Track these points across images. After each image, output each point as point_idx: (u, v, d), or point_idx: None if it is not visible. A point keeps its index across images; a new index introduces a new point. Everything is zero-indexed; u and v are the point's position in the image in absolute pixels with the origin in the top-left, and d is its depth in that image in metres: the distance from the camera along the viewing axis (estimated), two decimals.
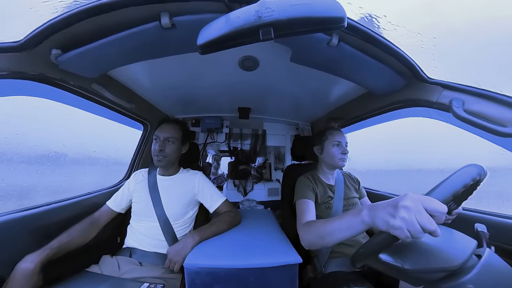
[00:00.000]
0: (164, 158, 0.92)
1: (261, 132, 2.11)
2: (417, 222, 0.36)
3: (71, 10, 0.51)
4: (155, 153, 0.92)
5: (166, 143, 0.93)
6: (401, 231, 0.37)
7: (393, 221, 0.39)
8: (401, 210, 0.38)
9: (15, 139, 0.82)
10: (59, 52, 0.62)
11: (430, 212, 0.37)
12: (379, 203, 0.46)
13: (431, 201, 0.38)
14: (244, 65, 0.91)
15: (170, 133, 0.94)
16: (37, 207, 0.79)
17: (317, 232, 0.63)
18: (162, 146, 0.91)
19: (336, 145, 0.94)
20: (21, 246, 0.67)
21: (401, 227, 0.37)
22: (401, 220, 0.38)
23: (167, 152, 0.93)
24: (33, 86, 0.68)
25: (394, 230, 0.38)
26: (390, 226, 0.39)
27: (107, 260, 0.81)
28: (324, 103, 1.34)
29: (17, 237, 0.69)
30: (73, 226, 0.80)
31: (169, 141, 0.94)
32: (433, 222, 0.36)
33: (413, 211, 0.37)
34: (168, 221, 0.88)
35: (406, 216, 0.37)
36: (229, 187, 2.32)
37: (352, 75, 0.85)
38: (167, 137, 0.93)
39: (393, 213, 0.39)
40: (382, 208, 0.43)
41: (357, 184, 1.06)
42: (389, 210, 0.41)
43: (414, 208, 0.38)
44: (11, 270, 0.60)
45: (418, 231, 0.36)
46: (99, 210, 0.92)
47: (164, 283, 0.71)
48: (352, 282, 0.66)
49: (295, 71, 0.94)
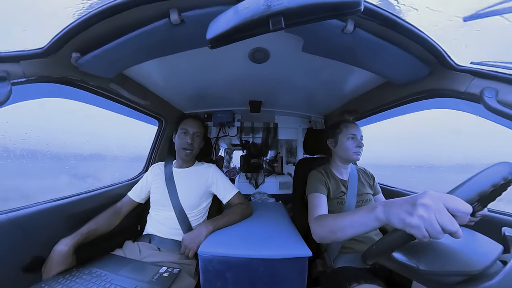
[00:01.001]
0: (191, 152, 0.99)
1: (272, 125, 2.08)
2: (436, 221, 0.34)
3: (86, 14, 0.54)
4: (184, 146, 0.97)
5: (195, 137, 1.00)
6: (418, 230, 0.35)
7: (410, 219, 0.37)
8: (420, 208, 0.36)
9: (46, 137, 0.91)
10: (78, 55, 0.66)
11: (452, 211, 0.35)
12: (395, 199, 0.44)
13: (453, 200, 0.36)
14: (254, 57, 0.90)
15: (198, 128, 1.01)
16: (68, 197, 0.88)
17: (329, 227, 0.62)
18: (192, 140, 0.98)
19: (351, 138, 0.91)
20: (57, 231, 0.75)
21: (418, 225, 0.35)
22: (419, 219, 0.36)
23: (195, 145, 1.00)
24: (58, 88, 0.73)
25: (410, 228, 0.37)
26: (406, 224, 0.37)
27: (130, 245, 0.89)
28: (338, 94, 1.28)
29: (53, 223, 0.78)
30: (99, 214, 0.87)
31: (197, 136, 1.01)
32: (454, 222, 0.34)
33: (433, 210, 0.35)
34: (183, 211, 0.93)
35: (424, 215, 0.35)
36: (241, 180, 2.36)
37: (369, 64, 0.80)
38: (196, 131, 1.00)
39: (411, 211, 0.37)
40: (399, 205, 0.41)
41: (372, 180, 1.02)
42: (406, 208, 0.39)
43: (434, 206, 0.35)
44: (49, 252, 0.68)
45: (437, 231, 0.34)
46: (121, 200, 1.00)
47: (180, 267, 0.76)
48: (362, 278, 0.64)
49: (307, 61, 0.90)
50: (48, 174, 0.98)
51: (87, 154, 1.17)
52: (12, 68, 0.57)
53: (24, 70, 0.59)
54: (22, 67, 0.59)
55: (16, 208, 0.71)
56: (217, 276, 0.69)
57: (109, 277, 0.66)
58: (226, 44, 0.49)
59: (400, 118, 1.11)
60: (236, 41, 0.48)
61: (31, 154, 0.87)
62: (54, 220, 0.78)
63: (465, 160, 1.04)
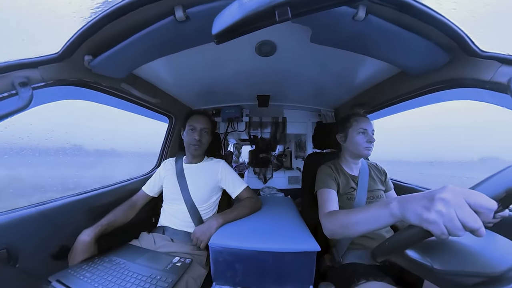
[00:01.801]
0: (199, 148, 1.01)
1: (281, 119, 2.06)
2: (457, 217, 0.32)
3: (95, 17, 0.55)
4: (192, 142, 0.99)
5: (202, 133, 1.01)
6: (437, 226, 0.33)
7: (428, 215, 0.35)
8: (438, 202, 0.34)
9: (66, 137, 0.98)
10: (90, 57, 0.69)
11: (474, 208, 0.32)
12: (411, 195, 0.42)
13: (476, 195, 0.33)
14: (261, 50, 0.88)
15: (205, 124, 1.02)
16: (88, 192, 0.94)
17: (340, 222, 0.61)
18: (200, 136, 0.99)
19: (361, 133, 0.87)
20: (79, 223, 0.81)
21: (436, 221, 0.33)
22: (437, 214, 0.34)
23: (203, 141, 1.01)
24: (74, 90, 0.77)
25: (428, 224, 0.35)
26: (423, 220, 0.35)
27: (145, 236, 0.93)
28: (349, 87, 1.23)
29: (76, 215, 0.84)
30: (117, 207, 0.93)
31: (205, 132, 1.02)
32: (477, 219, 0.32)
33: (453, 205, 0.33)
34: (194, 205, 0.96)
35: (443, 210, 0.33)
36: (250, 175, 2.38)
37: (382, 53, 0.75)
38: (203, 127, 1.01)
39: (428, 206, 0.35)
40: (415, 200, 0.39)
41: (384, 176, 0.98)
42: (423, 203, 0.37)
43: (455, 201, 0.33)
44: (74, 241, 0.74)
45: (458, 227, 0.32)
46: (136, 194, 1.05)
47: (192, 258, 0.79)
48: (371, 275, 0.63)
49: (316, 53, 0.87)
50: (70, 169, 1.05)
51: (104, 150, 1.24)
52: (32, 74, 0.61)
53: (42, 75, 0.63)
54: (40, 72, 0.62)
55: (44, 201, 0.77)
56: (227, 267, 0.71)
57: (127, 265, 0.70)
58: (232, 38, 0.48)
59: (416, 111, 1.04)
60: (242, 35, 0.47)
61: (53, 152, 0.94)
62: (77, 213, 0.84)
63: (486, 156, 0.97)
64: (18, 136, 0.76)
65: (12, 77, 0.57)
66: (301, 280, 0.71)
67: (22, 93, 0.57)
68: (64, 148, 0.99)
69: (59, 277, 0.62)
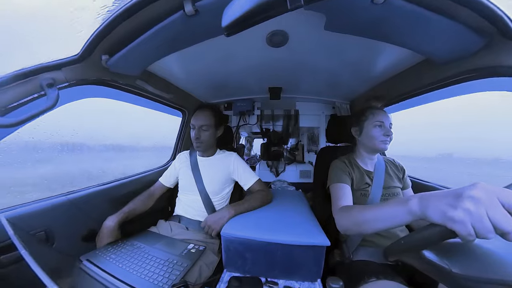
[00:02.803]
0: (201, 145, 1.02)
1: (293, 112, 2.02)
2: (487, 217, 0.29)
3: (108, 18, 0.57)
4: (193, 140, 1.02)
5: (201, 131, 1.01)
6: (463, 225, 0.31)
7: (453, 212, 0.32)
8: (467, 200, 0.31)
9: (89, 132, 1.06)
10: (107, 57, 0.72)
11: (508, 208, 0.29)
12: (433, 192, 0.39)
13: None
14: (272, 41, 0.85)
15: (204, 121, 1.01)
16: (111, 182, 1.02)
17: (354, 219, 0.60)
18: (198, 134, 1.00)
19: (378, 126, 0.83)
20: (104, 210, 0.89)
21: (463, 221, 0.31)
22: (465, 213, 0.31)
23: (203, 139, 1.01)
24: (94, 89, 0.82)
25: (452, 223, 0.32)
26: (447, 218, 0.33)
27: (162, 223, 1.00)
28: (365, 77, 1.16)
29: (101, 203, 0.92)
30: (136, 197, 0.99)
31: (203, 129, 1.01)
32: (511, 221, 0.29)
33: (484, 204, 0.30)
34: (207, 196, 1.00)
35: (472, 208, 0.30)
36: (262, 168, 2.40)
37: (404, 39, 0.68)
38: (201, 125, 1.01)
39: (454, 204, 0.32)
40: (439, 197, 0.36)
41: (402, 172, 0.93)
42: (448, 200, 0.34)
43: (486, 200, 0.30)
44: (100, 226, 0.81)
45: (488, 229, 0.29)
46: (154, 185, 1.11)
47: (205, 246, 0.84)
48: (382, 274, 0.60)
49: (331, 41, 0.83)
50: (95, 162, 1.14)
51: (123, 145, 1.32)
52: (57, 75, 0.65)
53: (66, 76, 0.68)
54: (64, 73, 0.67)
55: (73, 191, 0.86)
56: (237, 256, 0.74)
57: (146, 249, 0.76)
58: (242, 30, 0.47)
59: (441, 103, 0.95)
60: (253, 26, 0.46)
61: (79, 147, 1.02)
62: (101, 201, 0.92)
63: None
64: (49, 133, 0.84)
65: (40, 79, 0.62)
66: (309, 273, 0.72)
67: (49, 94, 0.62)
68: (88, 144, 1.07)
69: (88, 257, 0.69)
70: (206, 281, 0.75)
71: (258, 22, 0.45)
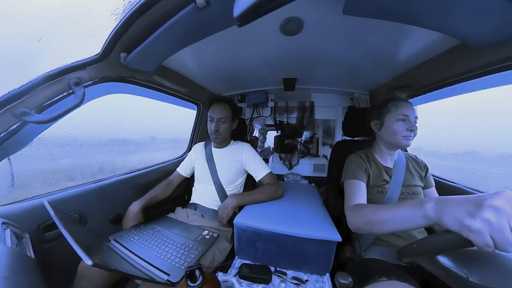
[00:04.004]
0: (219, 137, 1.05)
1: (308, 104, 1.96)
2: (509, 229, 0.28)
3: (124, 16, 0.59)
4: (211, 133, 1.05)
5: (219, 123, 1.03)
6: (480, 236, 0.29)
7: (470, 221, 0.30)
8: (487, 210, 0.29)
9: (112, 127, 1.14)
10: (125, 54, 0.75)
11: None
12: (453, 196, 0.37)
13: None
14: (286, 29, 0.81)
15: (222, 113, 1.03)
16: (134, 171, 1.11)
17: (367, 218, 0.58)
18: (217, 127, 1.02)
19: (401, 120, 0.77)
20: (129, 196, 0.97)
21: (481, 231, 0.29)
22: (484, 223, 0.29)
23: (221, 131, 1.04)
24: (115, 85, 0.87)
25: (469, 233, 0.30)
26: (464, 227, 0.31)
27: (180, 210, 1.06)
28: (388, 66, 1.07)
29: (126, 190, 1.00)
30: (157, 185, 1.06)
31: (222, 121, 1.04)
32: None
33: (507, 215, 0.28)
34: (221, 185, 1.04)
35: (492, 219, 0.29)
36: (275, 160, 2.40)
37: (435, 20, 0.60)
38: (220, 117, 1.03)
39: (473, 212, 0.31)
40: (457, 203, 0.34)
41: (424, 170, 0.86)
42: (467, 207, 0.32)
43: (510, 211, 0.28)
44: (125, 211, 0.89)
45: (509, 241, 0.28)
46: (172, 174, 1.18)
47: (219, 233, 0.88)
48: (394, 274, 0.58)
49: (350, 27, 0.77)
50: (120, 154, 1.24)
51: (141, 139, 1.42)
52: (82, 74, 0.71)
53: (89, 74, 0.73)
54: (88, 72, 0.72)
55: (101, 179, 0.95)
56: (249, 244, 0.77)
57: (165, 233, 0.83)
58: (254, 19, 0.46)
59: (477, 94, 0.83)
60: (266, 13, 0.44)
61: (104, 141, 1.12)
62: (126, 188, 1.01)
63: None
64: (78, 128, 0.92)
65: (68, 78, 0.68)
66: (318, 266, 0.72)
67: (76, 92, 0.67)
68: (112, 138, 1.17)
69: (115, 237, 0.77)
70: (218, 265, 0.80)
71: (271, 10, 0.43)
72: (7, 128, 0.59)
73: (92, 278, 0.65)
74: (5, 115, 0.58)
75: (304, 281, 0.69)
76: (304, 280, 0.70)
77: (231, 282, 0.65)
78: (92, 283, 0.65)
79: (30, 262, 0.46)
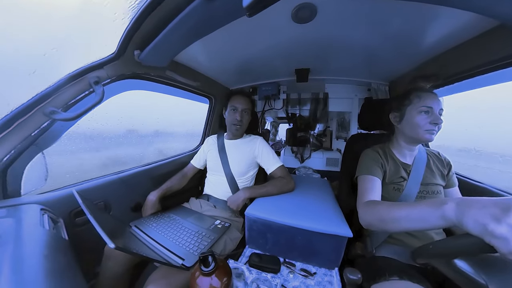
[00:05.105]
0: (241, 127, 1.08)
1: (322, 95, 1.88)
2: None
3: (136, 13, 0.60)
4: (234, 122, 1.07)
5: (243, 114, 1.07)
6: (506, 243, 0.28)
7: (495, 226, 0.29)
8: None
9: (131, 121, 1.21)
10: (138, 52, 0.78)
11: None
12: (476, 198, 0.34)
13: None
14: (298, 16, 0.77)
15: (246, 104, 1.07)
16: (151, 164, 1.17)
17: (380, 215, 0.56)
18: (241, 117, 1.05)
19: (424, 112, 0.71)
20: (147, 187, 1.03)
21: (506, 237, 0.28)
22: (510, 229, 0.27)
23: (244, 121, 1.08)
24: (131, 82, 0.90)
25: (492, 238, 0.29)
26: (487, 232, 0.29)
27: (194, 201, 1.12)
28: (410, 53, 0.97)
29: (144, 181, 1.07)
30: (173, 177, 1.12)
31: (246, 112, 1.07)
32: None
33: None
34: (233, 177, 1.06)
35: None
36: (287, 153, 2.38)
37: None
38: (244, 108, 1.06)
39: (499, 216, 0.29)
40: (481, 206, 0.32)
41: (447, 168, 0.80)
42: (492, 211, 0.30)
43: None
44: (144, 200, 0.96)
45: None
46: (187, 166, 1.23)
47: (230, 223, 0.91)
48: (406, 274, 0.55)
49: (367, 10, 0.71)
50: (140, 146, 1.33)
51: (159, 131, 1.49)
52: (100, 73, 0.75)
53: (107, 73, 0.77)
54: (106, 71, 0.76)
55: (122, 170, 1.02)
56: (259, 235, 0.79)
57: (180, 222, 0.88)
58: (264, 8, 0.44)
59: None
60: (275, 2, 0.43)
61: (125, 135, 1.19)
62: (144, 179, 1.08)
63: None
64: (100, 123, 0.99)
65: (88, 78, 0.72)
66: (327, 260, 0.72)
67: (97, 90, 0.72)
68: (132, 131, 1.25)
69: (136, 223, 0.83)
70: (230, 253, 0.83)
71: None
72: (40, 126, 0.65)
73: (116, 259, 0.72)
74: (36, 114, 0.64)
75: (312, 274, 0.70)
76: (312, 272, 0.70)
77: (242, 269, 0.68)
78: (116, 264, 0.72)
79: (65, 243, 0.52)
